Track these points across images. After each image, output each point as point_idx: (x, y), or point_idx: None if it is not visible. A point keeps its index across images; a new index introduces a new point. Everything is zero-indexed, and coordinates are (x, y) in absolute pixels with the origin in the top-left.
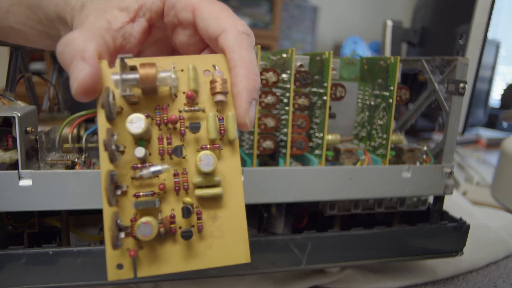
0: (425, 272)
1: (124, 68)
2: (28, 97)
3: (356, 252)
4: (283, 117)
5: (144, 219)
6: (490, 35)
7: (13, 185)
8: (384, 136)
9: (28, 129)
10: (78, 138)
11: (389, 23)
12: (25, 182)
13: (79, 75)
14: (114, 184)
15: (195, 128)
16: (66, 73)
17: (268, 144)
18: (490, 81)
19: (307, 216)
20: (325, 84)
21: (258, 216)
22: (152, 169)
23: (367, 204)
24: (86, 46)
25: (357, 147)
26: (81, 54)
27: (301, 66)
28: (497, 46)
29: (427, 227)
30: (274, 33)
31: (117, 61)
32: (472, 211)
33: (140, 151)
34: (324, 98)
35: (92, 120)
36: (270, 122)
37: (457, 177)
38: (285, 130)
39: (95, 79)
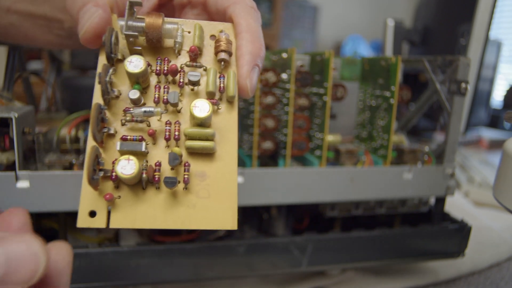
0: (426, 274)
1: (132, 14)
2: (26, 97)
3: (357, 253)
4: (283, 117)
5: (126, 156)
6: (492, 35)
7: (11, 187)
8: (385, 136)
9: (25, 129)
10: (76, 139)
11: (390, 23)
12: (23, 184)
13: (91, 17)
14: (101, 119)
15: (193, 76)
16: (64, 73)
17: (268, 145)
18: (492, 80)
19: (307, 218)
20: (326, 85)
21: (258, 217)
22: (144, 108)
23: (368, 205)
24: None
25: (358, 148)
26: (94, 0)
27: (301, 66)
28: (499, 46)
29: (428, 228)
30: (274, 32)
31: (126, 6)
32: (474, 212)
33: (134, 93)
34: (325, 98)
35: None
36: (270, 123)
37: (459, 178)
38: (285, 130)
39: (106, 23)
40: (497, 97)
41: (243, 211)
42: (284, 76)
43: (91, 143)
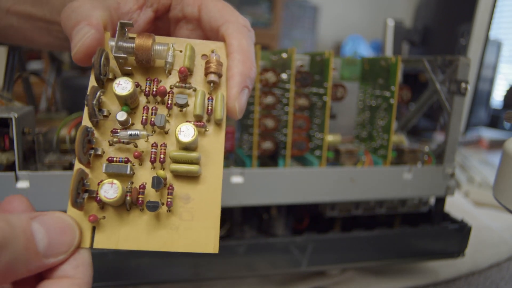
0: (426, 274)
1: (122, 35)
2: (26, 97)
3: (357, 253)
4: (283, 117)
5: (110, 180)
6: (492, 35)
7: (10, 187)
8: (385, 136)
9: (25, 130)
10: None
11: (390, 23)
12: (23, 184)
13: (84, 37)
14: (88, 141)
15: (181, 99)
16: (64, 73)
17: (268, 145)
18: (492, 80)
19: (307, 218)
20: (326, 85)
21: (258, 217)
22: (130, 131)
23: (368, 205)
24: (93, 13)
25: (358, 148)
26: (88, 19)
27: (301, 66)
28: (499, 46)
29: (428, 228)
30: (274, 32)
31: (117, 27)
32: (474, 212)
33: (122, 115)
34: (325, 98)
35: None
36: (270, 123)
37: (459, 178)
38: (285, 130)
39: (99, 44)
40: (497, 97)
41: (243, 211)
42: (284, 76)
43: (76, 165)
